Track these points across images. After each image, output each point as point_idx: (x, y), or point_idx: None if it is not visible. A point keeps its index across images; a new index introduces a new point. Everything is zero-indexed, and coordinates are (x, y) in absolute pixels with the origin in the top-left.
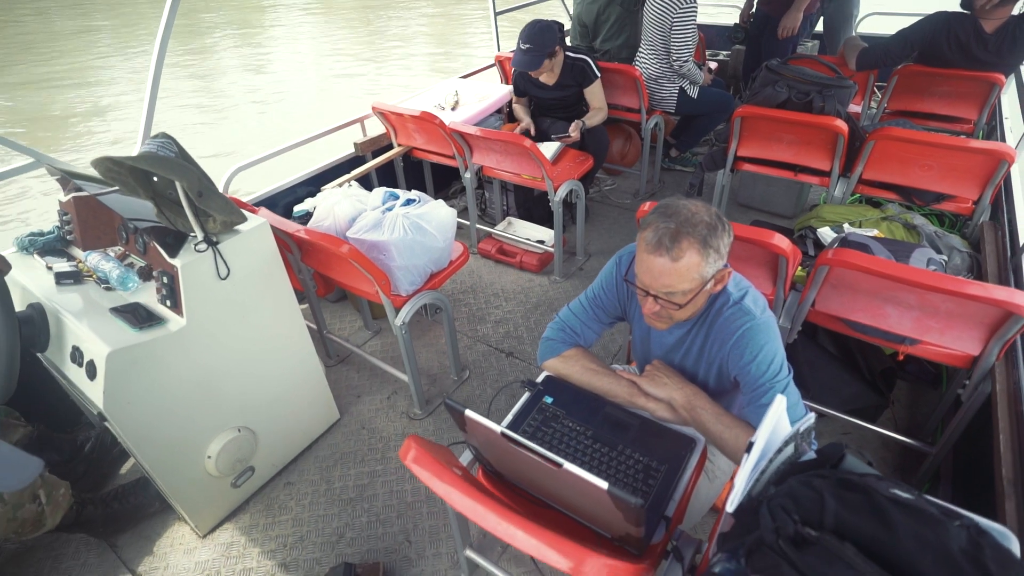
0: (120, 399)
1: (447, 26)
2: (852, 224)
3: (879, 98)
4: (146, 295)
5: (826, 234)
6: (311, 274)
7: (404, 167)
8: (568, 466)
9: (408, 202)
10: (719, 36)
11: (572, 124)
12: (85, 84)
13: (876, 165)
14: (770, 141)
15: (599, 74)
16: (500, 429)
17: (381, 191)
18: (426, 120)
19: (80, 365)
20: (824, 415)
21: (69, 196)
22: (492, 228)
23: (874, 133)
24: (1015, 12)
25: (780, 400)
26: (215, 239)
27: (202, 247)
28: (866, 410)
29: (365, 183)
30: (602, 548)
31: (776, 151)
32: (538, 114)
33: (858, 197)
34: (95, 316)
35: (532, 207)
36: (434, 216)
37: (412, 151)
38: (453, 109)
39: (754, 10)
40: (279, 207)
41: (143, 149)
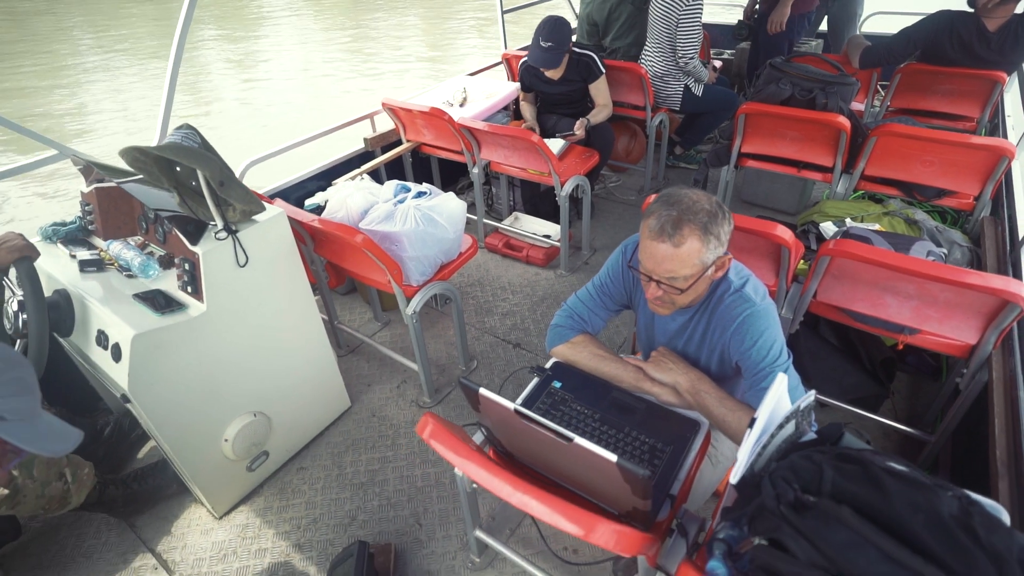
0: (143, 381)
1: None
2: (854, 219)
3: (882, 96)
4: (166, 282)
5: (828, 228)
6: (323, 265)
7: (413, 163)
8: (578, 440)
9: (419, 194)
10: (723, 35)
11: (577, 122)
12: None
13: (878, 161)
14: (774, 138)
15: (604, 70)
16: (513, 406)
17: (393, 184)
18: (435, 116)
19: (105, 348)
20: (825, 404)
21: (91, 187)
22: (499, 223)
23: (876, 129)
24: (1018, 11)
25: (781, 378)
26: (234, 228)
27: (222, 235)
28: (867, 399)
29: (374, 178)
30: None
31: (780, 147)
32: (544, 110)
33: (861, 193)
34: (118, 302)
35: (538, 202)
36: (445, 208)
37: (421, 147)
38: (461, 105)
39: (757, 7)
40: (290, 201)
41: (168, 139)
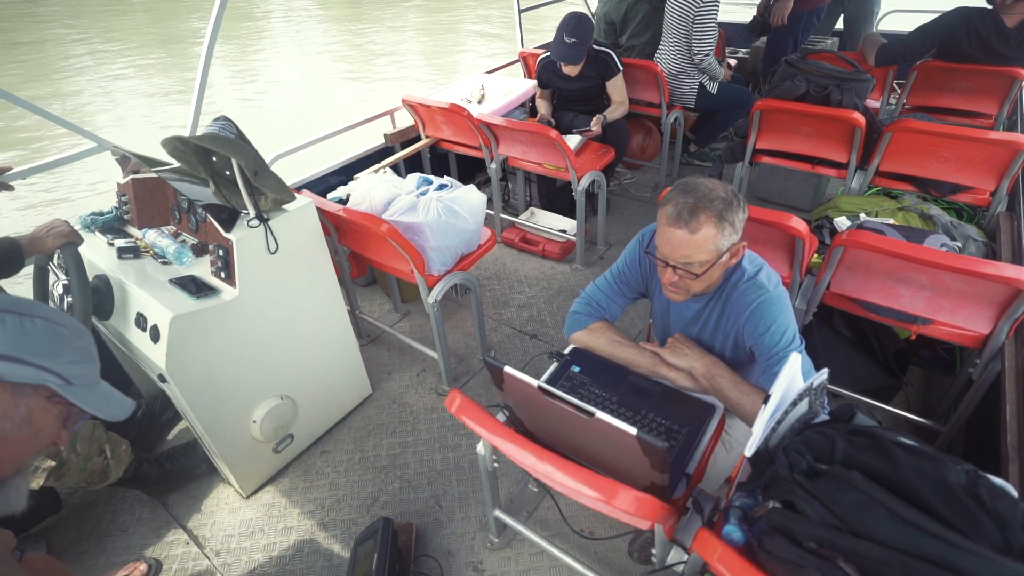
0: (179, 361)
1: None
2: (868, 214)
3: (898, 94)
4: (198, 269)
5: (842, 223)
6: (346, 255)
7: (431, 158)
8: (600, 414)
9: (441, 187)
10: (738, 33)
11: (593, 119)
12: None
13: (893, 157)
14: (789, 134)
15: (621, 68)
16: (537, 383)
17: (415, 176)
18: (455, 112)
19: (144, 330)
20: (838, 396)
21: (127, 178)
22: (516, 218)
23: (891, 125)
24: None
25: (795, 357)
26: (266, 216)
27: (254, 223)
28: (879, 391)
29: (394, 173)
30: None
31: (794, 144)
32: (560, 107)
33: (876, 190)
34: (155, 286)
35: (554, 198)
36: (466, 200)
37: (439, 143)
38: (479, 102)
39: (772, 2)
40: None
41: (206, 130)
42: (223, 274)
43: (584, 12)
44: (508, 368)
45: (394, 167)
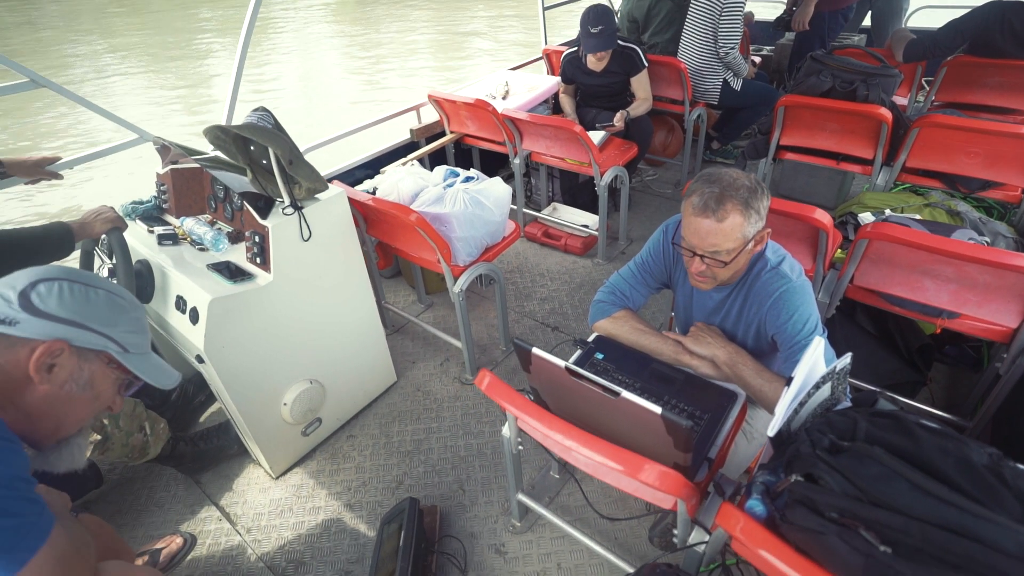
0: (217, 342)
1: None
2: (894, 210)
3: (926, 91)
4: (233, 255)
5: (866, 219)
6: (373, 246)
7: (455, 153)
8: (625, 394)
9: (467, 179)
10: (763, 31)
11: (617, 114)
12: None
13: (920, 153)
14: (813, 130)
15: (647, 64)
16: (564, 364)
17: (442, 169)
18: (480, 107)
19: (183, 312)
20: (860, 390)
21: (167, 168)
22: (538, 212)
23: (919, 120)
24: None
25: (818, 341)
26: (300, 204)
27: (289, 211)
28: (903, 386)
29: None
30: None
31: (819, 140)
32: (583, 103)
33: (902, 187)
34: (193, 271)
35: (576, 193)
36: (492, 192)
37: (463, 138)
38: (504, 98)
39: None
40: None
41: (246, 120)
42: (258, 260)
43: (601, 3)
44: (536, 349)
45: (419, 161)
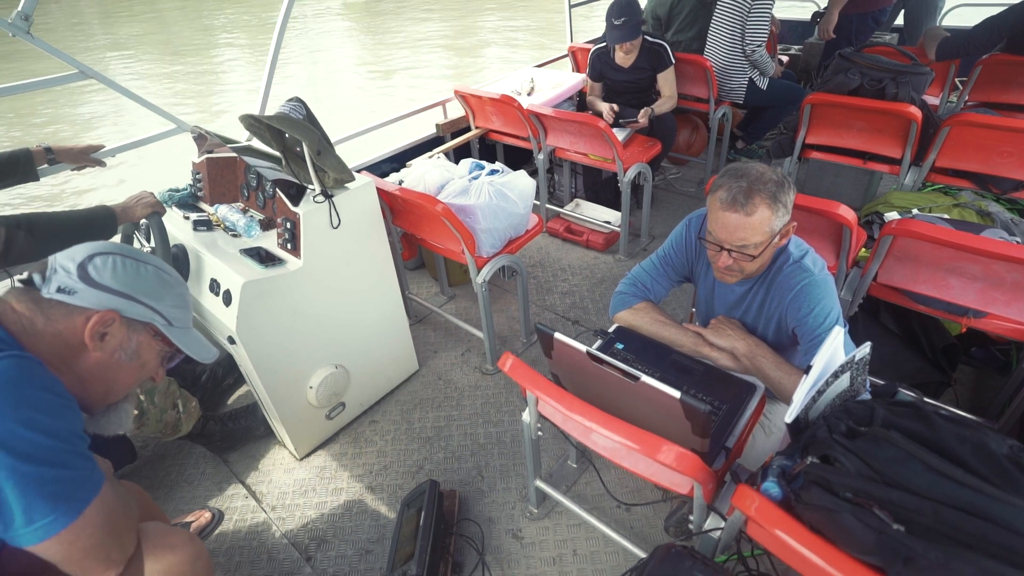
0: (248, 324)
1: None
2: (921, 210)
3: (959, 90)
4: (265, 242)
5: (892, 218)
6: (399, 237)
7: (479, 148)
8: (645, 378)
9: (492, 172)
10: (792, 30)
11: (641, 111)
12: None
13: (951, 152)
14: (840, 128)
15: (674, 61)
16: (585, 348)
17: (468, 162)
18: (506, 103)
19: (217, 294)
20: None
21: (202, 157)
22: (561, 208)
23: (950, 119)
24: None
25: (837, 330)
26: (330, 193)
27: (320, 199)
28: (927, 387)
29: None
30: None
31: (846, 139)
32: (609, 99)
33: (930, 187)
34: (227, 256)
35: (599, 190)
36: (516, 185)
37: (488, 133)
38: (529, 94)
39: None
40: None
41: (279, 110)
42: (289, 246)
43: None
44: (558, 334)
45: (444, 155)
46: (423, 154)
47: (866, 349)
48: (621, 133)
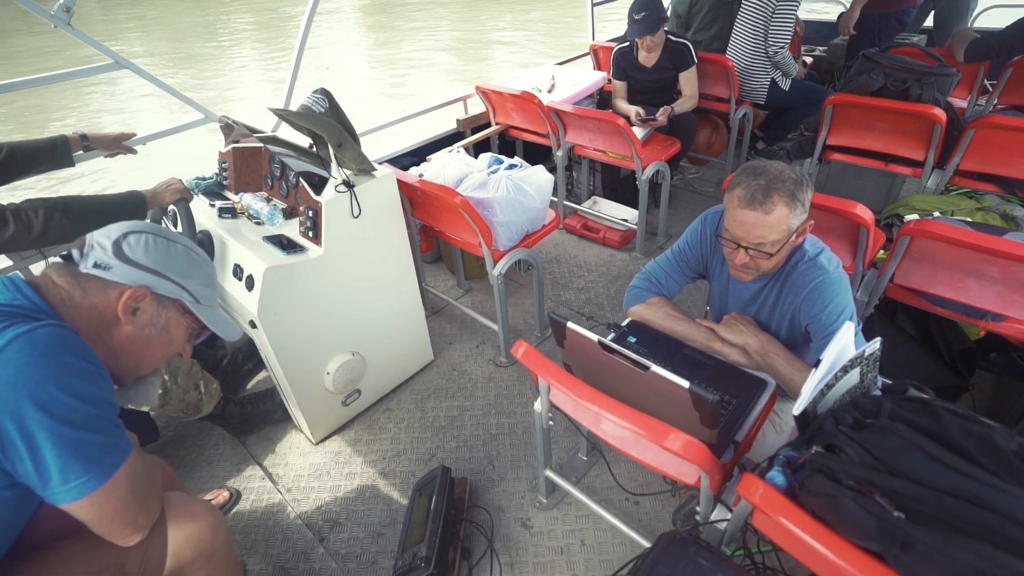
0: (269, 309)
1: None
2: (943, 213)
3: (989, 94)
4: (287, 230)
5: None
6: (417, 229)
7: (499, 144)
8: (655, 368)
9: (511, 166)
10: (816, 31)
11: (661, 109)
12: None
13: (975, 155)
14: (862, 130)
15: (696, 60)
16: (597, 338)
17: (487, 156)
18: (526, 99)
19: (240, 279)
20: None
21: (228, 147)
22: (578, 205)
23: (975, 121)
24: None
25: (848, 326)
26: (352, 183)
27: (342, 189)
28: (943, 391)
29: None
30: None
31: (868, 140)
32: (630, 98)
33: (955, 191)
34: (250, 242)
35: (617, 188)
36: (534, 179)
37: (508, 129)
38: (549, 92)
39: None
40: None
41: (303, 102)
42: (310, 234)
43: None
44: (571, 323)
45: (464, 150)
46: (443, 149)
47: (876, 344)
48: (640, 131)
